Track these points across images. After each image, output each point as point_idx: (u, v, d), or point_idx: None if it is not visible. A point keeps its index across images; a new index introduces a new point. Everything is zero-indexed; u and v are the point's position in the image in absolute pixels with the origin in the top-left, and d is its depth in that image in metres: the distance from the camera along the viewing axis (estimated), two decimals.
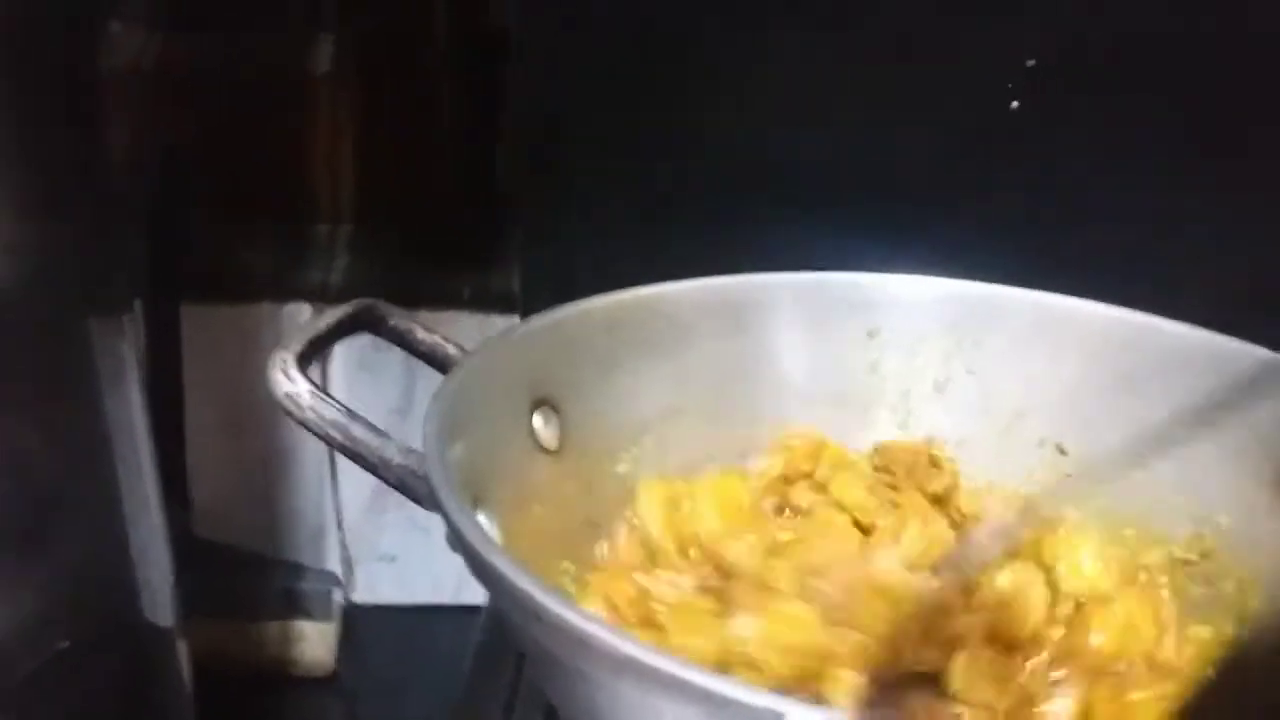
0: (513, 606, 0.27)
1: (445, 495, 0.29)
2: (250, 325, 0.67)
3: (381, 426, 0.34)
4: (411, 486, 0.32)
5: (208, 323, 0.67)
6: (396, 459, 0.32)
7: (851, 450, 0.45)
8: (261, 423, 0.69)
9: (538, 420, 0.40)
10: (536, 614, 0.25)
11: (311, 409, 0.32)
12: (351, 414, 0.33)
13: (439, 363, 0.40)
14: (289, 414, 0.33)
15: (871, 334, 0.46)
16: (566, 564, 0.40)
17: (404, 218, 0.69)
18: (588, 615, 0.25)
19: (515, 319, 0.63)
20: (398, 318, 0.39)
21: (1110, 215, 0.48)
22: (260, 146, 0.67)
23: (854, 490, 0.43)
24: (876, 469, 0.44)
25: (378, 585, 0.71)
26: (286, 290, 0.67)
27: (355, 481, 0.70)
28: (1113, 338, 0.42)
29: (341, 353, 0.67)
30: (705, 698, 0.23)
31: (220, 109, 0.65)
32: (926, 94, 0.49)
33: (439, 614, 0.70)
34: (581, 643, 0.24)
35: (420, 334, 0.40)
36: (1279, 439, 0.37)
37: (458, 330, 0.44)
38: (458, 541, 0.28)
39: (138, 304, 0.45)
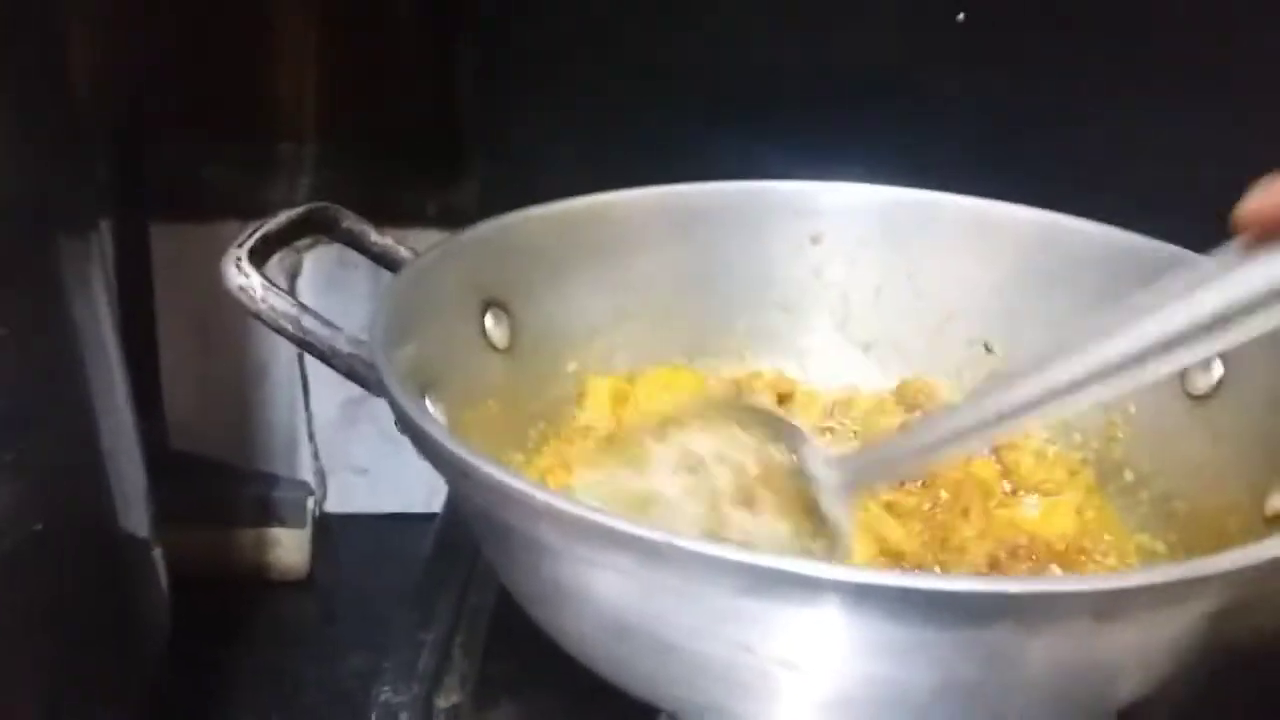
0: (445, 468, 0.29)
1: (389, 379, 0.31)
2: (217, 242, 0.68)
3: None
4: (360, 374, 0.34)
5: (176, 240, 0.68)
6: (346, 348, 0.34)
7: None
8: (232, 338, 0.70)
9: (489, 320, 0.42)
10: (464, 471, 0.27)
11: (264, 300, 0.34)
12: (302, 306, 0.35)
13: (391, 264, 0.42)
14: (243, 307, 0.35)
15: (815, 240, 0.48)
16: (518, 456, 0.42)
17: (368, 136, 0.70)
18: (504, 468, 0.27)
19: None
20: (351, 221, 0.41)
21: (1045, 123, 0.49)
22: (224, 65, 0.68)
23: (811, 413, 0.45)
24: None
25: (350, 496, 0.74)
26: (253, 208, 0.68)
27: (326, 396, 0.72)
28: (1040, 239, 0.44)
29: (310, 270, 0.68)
30: (611, 537, 0.25)
31: (183, 27, 0.65)
32: (873, 4, 0.50)
33: (409, 522, 0.72)
34: (503, 495, 0.26)
35: (373, 237, 0.41)
36: None
37: (423, 246, 0.45)
38: (397, 416, 0.30)
39: (104, 222, 0.46)
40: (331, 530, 0.73)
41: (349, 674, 0.64)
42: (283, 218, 0.37)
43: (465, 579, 0.45)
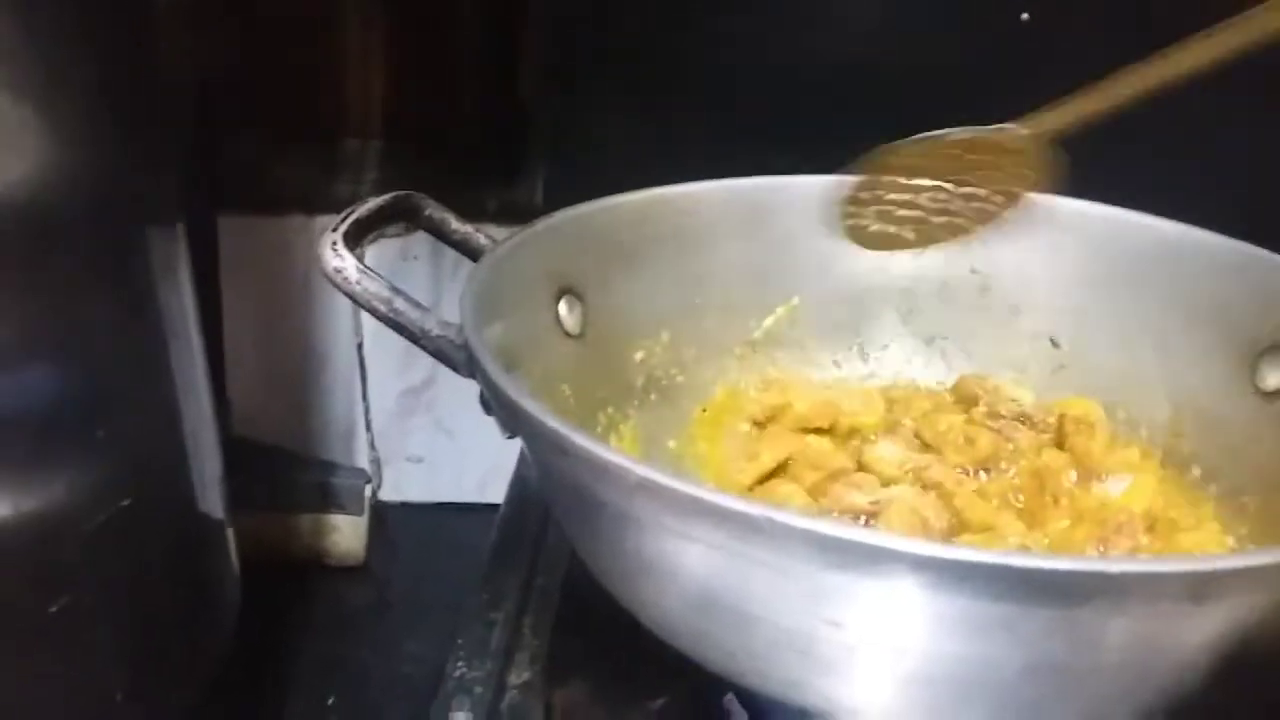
0: (542, 444, 0.29)
1: (482, 355, 0.32)
2: (283, 236, 0.69)
3: None
4: (449, 355, 0.35)
5: (243, 233, 0.70)
6: (436, 330, 0.35)
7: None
8: (295, 329, 0.72)
9: (562, 307, 0.43)
10: (562, 448, 0.28)
11: (359, 283, 0.35)
12: (395, 289, 0.36)
13: (471, 252, 0.43)
14: (337, 287, 0.36)
15: None
16: None
17: (431, 134, 0.71)
18: (605, 445, 0.28)
19: None
20: (433, 208, 0.42)
21: (1110, 121, 0.50)
22: (293, 64, 0.70)
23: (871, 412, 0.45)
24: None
25: (405, 484, 0.75)
26: (318, 203, 0.69)
27: (384, 386, 0.74)
28: (1104, 235, 0.44)
29: (371, 261, 0.70)
30: (707, 511, 0.26)
31: (254, 29, 0.67)
32: (939, 3, 0.51)
33: (462, 511, 0.74)
34: (601, 468, 0.27)
35: (454, 224, 0.42)
36: (1254, 326, 0.40)
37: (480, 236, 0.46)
38: (493, 395, 0.31)
39: (185, 214, 0.48)
40: (386, 518, 0.74)
41: (404, 658, 0.66)
42: (371, 204, 0.39)
43: (531, 563, 0.46)
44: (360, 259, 0.38)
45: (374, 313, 0.35)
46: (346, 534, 0.71)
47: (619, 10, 0.56)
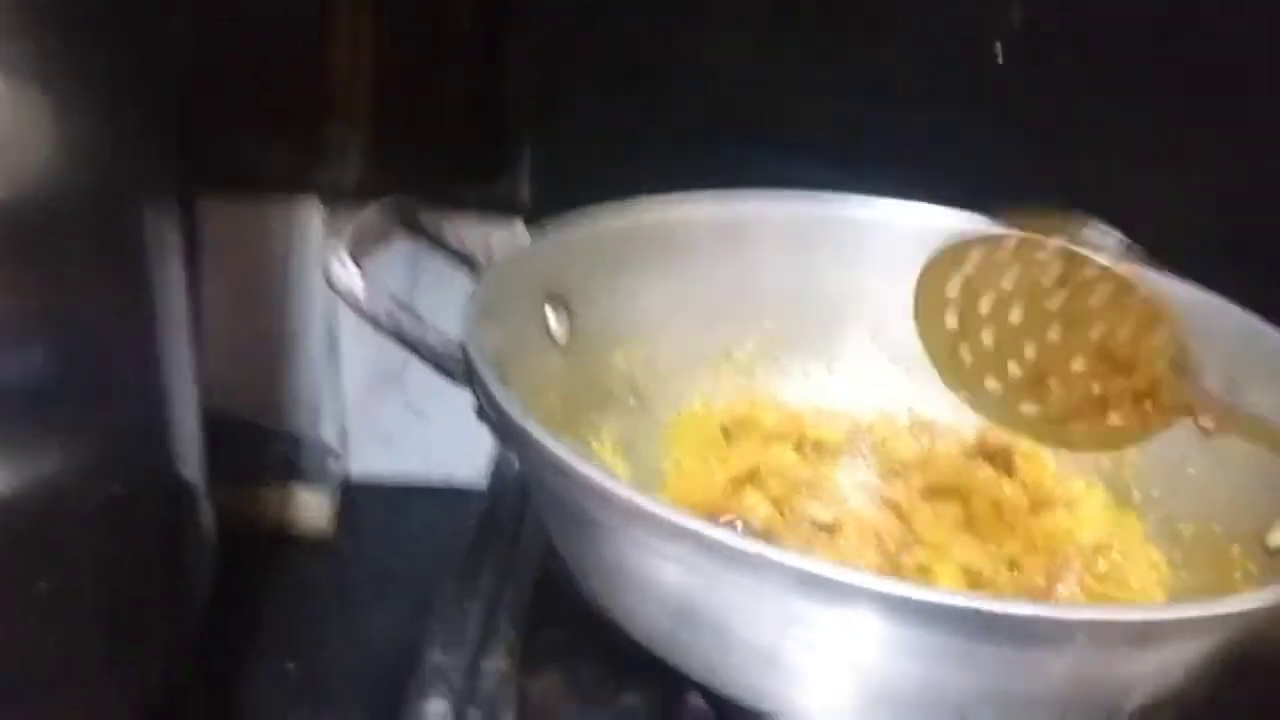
0: (538, 462, 0.31)
1: (482, 369, 0.34)
2: (263, 218, 0.70)
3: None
4: (446, 366, 0.37)
5: (223, 215, 0.70)
6: (435, 342, 0.37)
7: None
8: (269, 307, 0.73)
9: (551, 317, 0.44)
10: (560, 469, 0.30)
11: (364, 294, 0.37)
12: (398, 302, 0.37)
13: (465, 259, 0.44)
14: (342, 298, 0.37)
15: (855, 253, 0.51)
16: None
17: (415, 124, 0.72)
18: (596, 466, 0.30)
19: (518, 222, 0.67)
20: (427, 218, 0.43)
21: (1081, 154, 0.52)
22: (279, 49, 0.70)
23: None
24: None
25: (373, 463, 0.76)
26: (299, 186, 0.70)
27: (355, 366, 0.75)
28: None
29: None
30: (684, 535, 0.28)
31: (241, 14, 0.67)
32: (917, 42, 0.53)
33: (430, 493, 0.75)
34: (595, 491, 0.29)
35: (447, 233, 0.44)
36: None
37: (464, 232, 0.47)
38: (490, 407, 0.33)
39: (180, 196, 0.48)
40: (354, 496, 0.75)
41: (365, 630, 0.67)
42: (370, 214, 0.40)
43: (508, 554, 0.48)
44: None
45: (375, 323, 0.37)
46: (313, 508, 0.72)
47: (604, 19, 0.57)
